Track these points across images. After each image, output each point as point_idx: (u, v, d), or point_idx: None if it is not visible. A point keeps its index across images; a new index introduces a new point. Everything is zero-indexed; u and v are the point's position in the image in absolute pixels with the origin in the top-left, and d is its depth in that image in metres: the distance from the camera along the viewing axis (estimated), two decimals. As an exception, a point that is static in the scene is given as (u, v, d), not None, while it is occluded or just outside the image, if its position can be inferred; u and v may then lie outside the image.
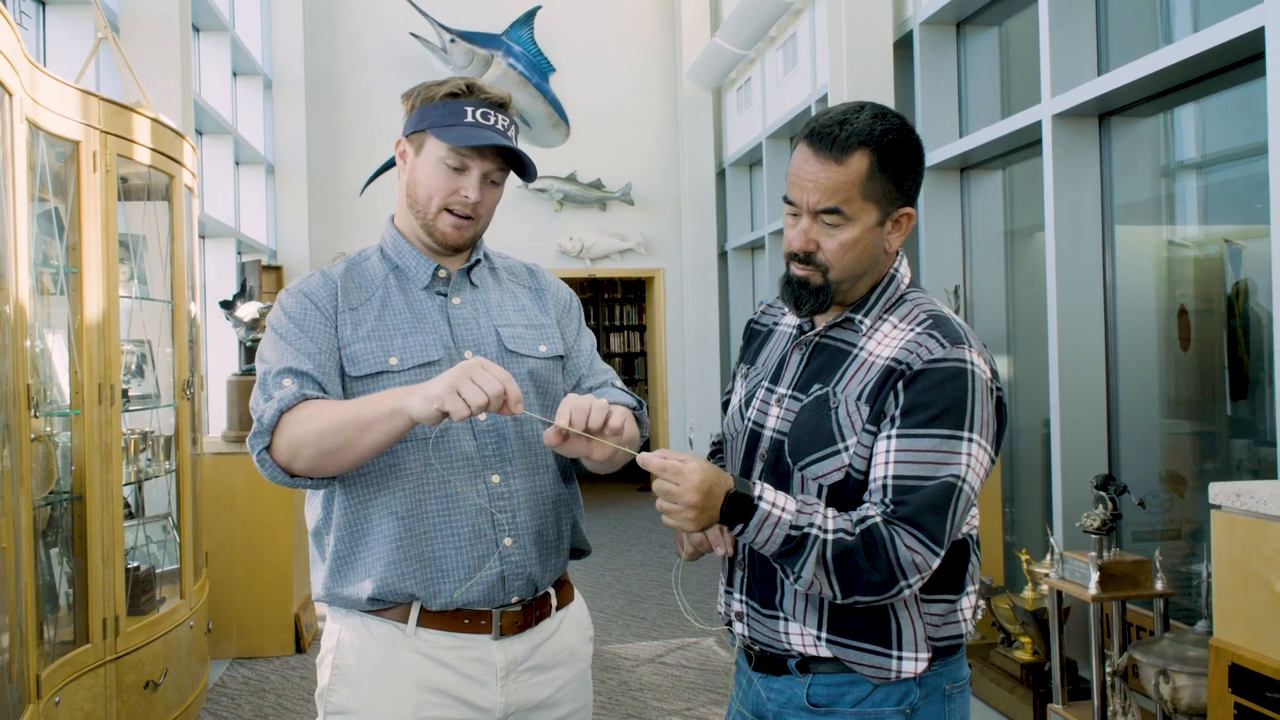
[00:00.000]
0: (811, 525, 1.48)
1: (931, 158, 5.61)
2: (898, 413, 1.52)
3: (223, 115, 7.13)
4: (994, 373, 1.59)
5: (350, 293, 1.79)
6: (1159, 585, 3.52)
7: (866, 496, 1.53)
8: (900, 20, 5.94)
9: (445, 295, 1.83)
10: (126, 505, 4.12)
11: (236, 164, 7.79)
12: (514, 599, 1.77)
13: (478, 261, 1.88)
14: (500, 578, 1.75)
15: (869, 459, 1.54)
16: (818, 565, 1.47)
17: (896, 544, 1.47)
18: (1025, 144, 4.97)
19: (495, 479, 1.75)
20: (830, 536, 1.47)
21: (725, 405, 1.87)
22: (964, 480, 1.50)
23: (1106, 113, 4.40)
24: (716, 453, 1.89)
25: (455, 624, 1.74)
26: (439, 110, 1.76)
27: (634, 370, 12.45)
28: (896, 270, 1.66)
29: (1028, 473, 5.26)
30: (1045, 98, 4.48)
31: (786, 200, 1.61)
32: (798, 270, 1.61)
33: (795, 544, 1.48)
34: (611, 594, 6.33)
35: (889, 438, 1.52)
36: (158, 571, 4.22)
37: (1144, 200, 4.49)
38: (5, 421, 2.87)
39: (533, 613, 1.80)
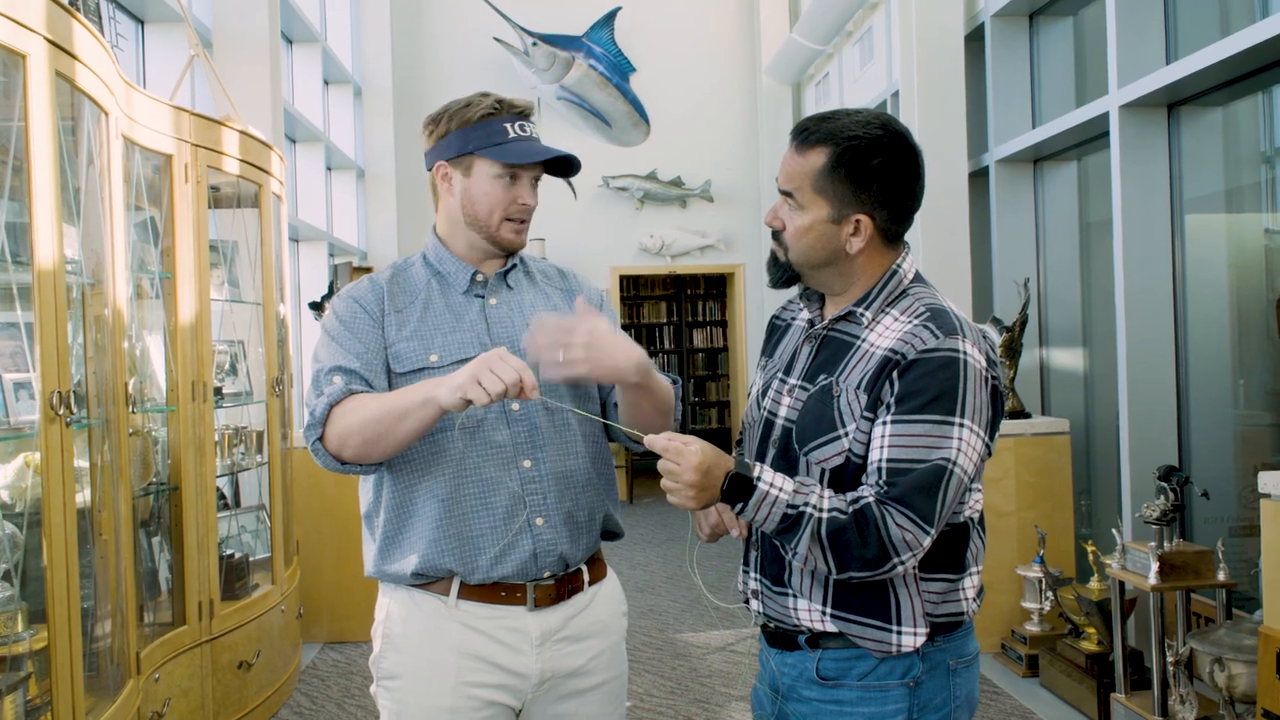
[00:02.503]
0: (807, 504, 1.59)
1: (1003, 150, 5.60)
2: (892, 400, 1.61)
3: (314, 123, 7.41)
4: (990, 362, 1.67)
5: (395, 296, 1.96)
6: (1221, 575, 3.51)
7: (864, 479, 1.63)
8: (972, 13, 5.93)
9: (483, 297, 1.99)
10: (222, 496, 4.38)
11: (328, 169, 8.09)
12: (546, 574, 1.91)
13: (514, 266, 2.03)
14: (533, 555, 1.89)
15: (867, 444, 1.64)
16: (813, 541, 1.58)
17: (888, 522, 1.56)
18: (1097, 135, 4.94)
19: (527, 464, 1.90)
20: (825, 515, 1.58)
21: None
22: (954, 464, 1.59)
23: (1175, 102, 4.36)
24: (741, 442, 2.00)
25: (493, 596, 1.89)
26: (482, 131, 1.92)
27: (717, 365, 12.52)
28: (899, 266, 1.74)
29: (1103, 466, 5.23)
30: (1112, 88, 4.46)
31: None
32: (773, 244, 1.77)
33: (792, 522, 1.59)
34: (687, 585, 6.44)
35: (884, 423, 1.61)
36: (252, 559, 4.47)
37: (1229, 190, 4.43)
38: (106, 417, 3.10)
39: (565, 586, 1.94)
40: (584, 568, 1.98)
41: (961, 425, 1.59)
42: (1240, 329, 4.36)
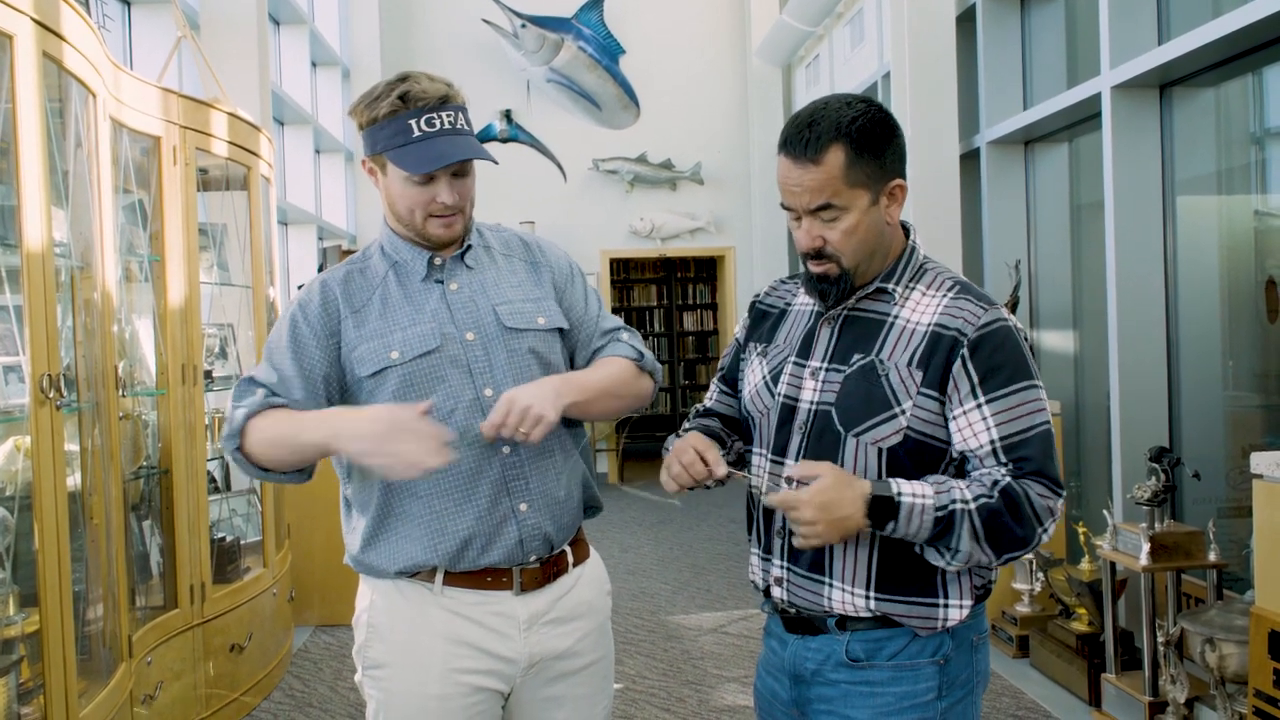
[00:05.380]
0: (954, 502, 1.59)
1: (994, 131, 5.60)
2: (976, 382, 1.63)
3: (302, 105, 7.37)
4: None
5: (351, 296, 1.90)
6: (1212, 556, 3.52)
7: (973, 465, 1.63)
8: (963, -7, 5.91)
9: (443, 282, 1.92)
10: (212, 479, 4.36)
11: (317, 152, 8.05)
12: (532, 558, 1.89)
13: (470, 247, 1.96)
14: (519, 541, 1.87)
15: (927, 421, 1.65)
16: (971, 537, 1.58)
17: (1031, 495, 1.59)
18: (1089, 116, 4.94)
19: (506, 450, 1.87)
20: (973, 506, 1.58)
21: (724, 379, 1.95)
22: (1049, 424, 1.64)
23: (1168, 83, 4.36)
24: (702, 416, 1.96)
25: (479, 582, 1.87)
26: (387, 132, 1.81)
27: (707, 348, 12.52)
28: (914, 243, 1.77)
29: (1093, 447, 5.24)
30: (1104, 69, 4.45)
31: (784, 206, 1.71)
32: (815, 267, 1.72)
33: (945, 524, 1.59)
34: (679, 567, 6.46)
35: (979, 406, 1.63)
36: (243, 542, 4.45)
37: (1220, 171, 4.43)
38: (96, 400, 3.09)
39: (550, 569, 1.92)
40: (568, 549, 1.96)
41: (1040, 387, 1.66)
42: (1231, 311, 4.37)
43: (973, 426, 1.63)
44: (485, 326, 1.90)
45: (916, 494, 1.59)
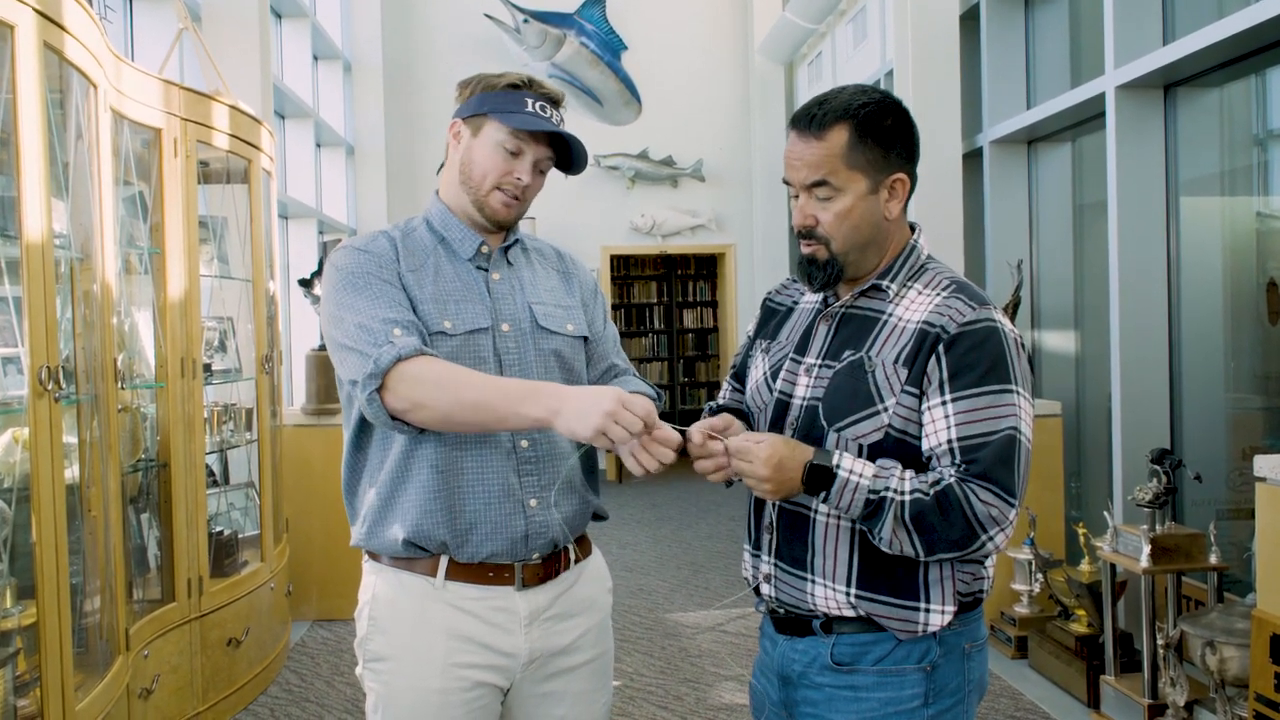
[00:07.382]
0: (888, 489, 1.58)
1: (997, 130, 5.59)
2: (945, 378, 1.60)
3: (303, 99, 7.35)
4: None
5: (407, 256, 1.91)
6: (1213, 559, 3.52)
7: (934, 464, 1.61)
8: (967, -8, 5.90)
9: (486, 270, 1.95)
10: (211, 473, 4.35)
11: (317, 146, 8.02)
12: (535, 555, 1.89)
13: (516, 241, 2.01)
14: (524, 536, 1.87)
15: (907, 419, 1.63)
16: (897, 525, 1.57)
17: (971, 500, 1.56)
18: (1092, 116, 4.93)
19: (524, 444, 1.87)
20: (907, 498, 1.57)
21: (736, 376, 1.96)
22: (1020, 432, 1.60)
23: (1172, 83, 4.35)
24: (714, 414, 1.96)
25: (480, 576, 1.87)
26: (501, 98, 1.89)
27: (706, 346, 12.50)
28: (916, 242, 1.76)
29: (1094, 449, 5.24)
30: (1109, 69, 4.44)
31: (785, 182, 1.72)
32: (805, 248, 1.72)
33: (874, 507, 1.58)
34: (677, 565, 6.45)
35: (944, 403, 1.60)
36: (241, 536, 4.44)
37: (1223, 172, 4.42)
38: (94, 393, 3.07)
39: (552, 565, 1.92)
40: (570, 546, 1.96)
41: (1018, 393, 1.61)
42: (1233, 312, 4.36)
43: (935, 424, 1.61)
44: (520, 321, 1.92)
45: (855, 470, 1.59)
